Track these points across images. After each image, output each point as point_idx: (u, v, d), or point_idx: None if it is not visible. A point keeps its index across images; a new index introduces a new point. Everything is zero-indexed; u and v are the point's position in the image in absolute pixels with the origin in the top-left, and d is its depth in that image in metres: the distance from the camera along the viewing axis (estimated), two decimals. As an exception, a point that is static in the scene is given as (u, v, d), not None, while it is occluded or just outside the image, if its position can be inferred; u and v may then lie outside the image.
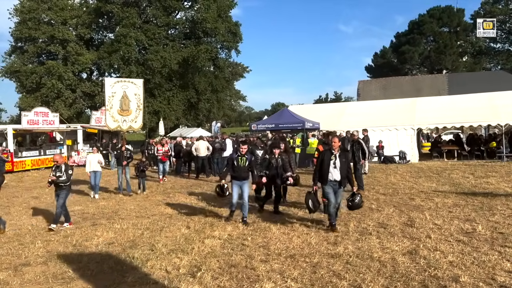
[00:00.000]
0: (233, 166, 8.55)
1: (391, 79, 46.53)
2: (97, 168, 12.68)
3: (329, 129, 22.30)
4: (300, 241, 6.86)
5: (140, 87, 14.69)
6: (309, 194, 7.88)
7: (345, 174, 7.49)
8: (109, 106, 14.16)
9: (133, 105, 14.43)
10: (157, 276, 5.47)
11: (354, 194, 7.79)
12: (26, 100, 38.13)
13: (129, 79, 15.42)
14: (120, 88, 14.20)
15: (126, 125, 14.42)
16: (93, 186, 12.76)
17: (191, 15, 42.42)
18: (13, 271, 5.91)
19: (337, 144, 7.59)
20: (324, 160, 7.54)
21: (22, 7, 39.29)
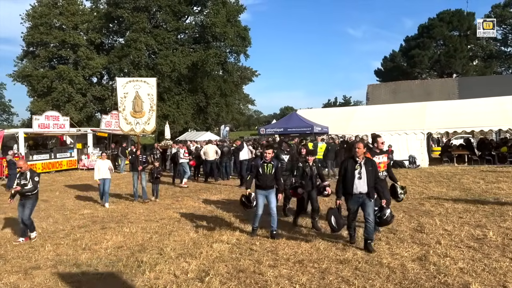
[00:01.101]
0: (258, 174, 7.70)
1: (401, 83, 46.31)
2: (107, 175, 12.00)
3: (338, 134, 22.31)
4: (308, 246, 6.84)
5: (154, 87, 13.57)
6: (332, 210, 6.96)
7: (372, 184, 6.60)
8: (121, 107, 13.21)
9: (146, 106, 13.38)
10: (166, 280, 5.48)
11: (382, 208, 6.80)
12: (37, 104, 38.63)
13: (142, 78, 14.24)
14: (133, 88, 13.24)
15: (140, 127, 13.40)
16: (102, 193, 12.07)
17: (200, 20, 42.73)
18: (23, 274, 5.97)
19: (361, 151, 6.60)
20: (348, 170, 6.65)
21: (34, 12, 39.87)
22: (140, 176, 12.54)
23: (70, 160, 24.05)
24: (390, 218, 6.82)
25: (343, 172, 6.75)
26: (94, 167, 12.31)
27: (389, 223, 7.01)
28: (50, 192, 15.64)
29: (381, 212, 6.76)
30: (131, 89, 13.24)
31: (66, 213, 11.07)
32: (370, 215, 6.51)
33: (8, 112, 77.87)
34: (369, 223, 6.46)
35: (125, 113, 13.22)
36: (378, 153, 7.37)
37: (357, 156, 6.59)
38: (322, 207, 9.13)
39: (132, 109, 13.20)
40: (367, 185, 6.53)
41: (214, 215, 10.00)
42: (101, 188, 12.05)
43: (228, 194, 13.53)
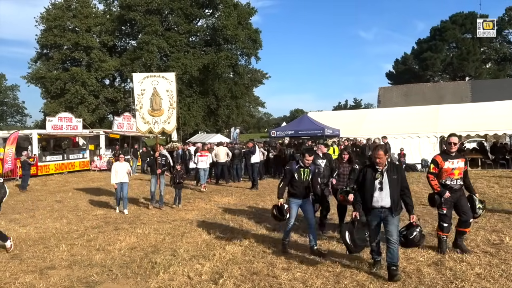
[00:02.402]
0: (292, 181, 6.76)
1: (413, 86, 45.98)
2: (125, 179, 11.21)
3: (349, 137, 22.20)
4: (323, 249, 6.79)
5: (173, 82, 12.58)
6: (346, 225, 5.88)
7: (397, 197, 5.44)
8: (138, 105, 12.23)
9: (165, 103, 12.36)
10: (180, 282, 5.49)
11: (411, 226, 5.63)
12: (50, 106, 39.12)
13: (160, 73, 13.16)
14: (150, 85, 12.24)
15: (158, 127, 12.39)
16: (120, 199, 11.30)
17: (211, 23, 42.95)
18: (38, 274, 6.02)
19: (383, 159, 5.46)
20: (366, 178, 5.55)
21: (48, 15, 40.42)
22: (159, 180, 11.73)
23: (82, 161, 24.28)
24: (419, 238, 5.58)
25: (361, 181, 5.68)
26: (111, 170, 11.48)
27: (418, 244, 5.77)
28: (63, 192, 15.79)
29: (408, 230, 5.60)
30: (148, 85, 12.26)
31: (79, 213, 11.16)
32: (393, 234, 5.39)
33: (22, 113, 79.12)
34: (391, 244, 5.36)
35: (142, 112, 12.26)
36: (453, 156, 6.23)
37: (378, 165, 5.49)
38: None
39: (150, 107, 12.24)
40: (390, 197, 5.40)
41: (225, 217, 10.00)
42: (118, 193, 11.20)
43: (240, 196, 13.53)
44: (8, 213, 11.61)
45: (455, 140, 6.19)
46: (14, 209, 12.37)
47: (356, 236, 5.59)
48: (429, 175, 6.34)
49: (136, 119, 12.65)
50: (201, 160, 15.37)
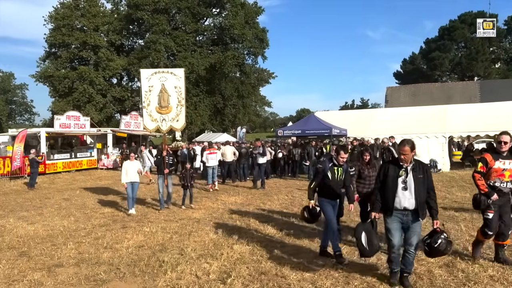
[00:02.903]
0: (325, 180, 6.24)
1: (421, 86, 45.74)
2: (136, 179, 10.74)
3: (356, 136, 22.06)
4: (331, 250, 6.71)
5: (181, 78, 12.12)
6: (363, 225, 5.41)
7: (423, 199, 4.87)
8: (146, 103, 11.79)
9: (173, 100, 11.92)
10: (187, 281, 5.45)
11: (434, 233, 5.01)
12: (58, 104, 39.38)
13: (168, 69, 12.75)
14: (158, 81, 11.82)
15: (166, 125, 11.98)
16: (130, 199, 10.73)
17: (219, 22, 43.00)
18: (46, 271, 6.02)
19: (408, 156, 4.88)
20: (388, 176, 4.99)
21: (57, 14, 40.70)
22: (166, 180, 11.23)
23: (90, 160, 24.37)
24: (445, 246, 4.94)
25: (382, 178, 5.11)
26: (122, 169, 11.03)
27: (444, 253, 5.12)
28: (71, 191, 15.85)
29: (432, 238, 4.98)
30: (156, 81, 11.84)
31: (87, 211, 11.18)
32: (413, 243, 4.88)
33: (30, 112, 79.59)
34: (409, 254, 4.93)
35: (149, 109, 11.84)
36: (504, 156, 5.61)
37: (403, 161, 4.93)
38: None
39: (158, 104, 11.80)
40: (415, 199, 4.82)
41: (232, 216, 9.96)
42: (129, 193, 10.67)
43: (246, 196, 13.48)
44: (16, 210, 11.68)
45: (505, 139, 5.50)
46: (22, 206, 12.43)
47: (372, 238, 5.16)
48: (476, 174, 5.73)
49: (143, 117, 12.27)
50: (210, 158, 15.28)
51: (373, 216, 5.23)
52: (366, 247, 5.12)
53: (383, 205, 5.09)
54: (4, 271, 6.09)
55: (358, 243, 5.22)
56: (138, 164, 10.99)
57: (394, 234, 4.95)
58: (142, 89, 11.98)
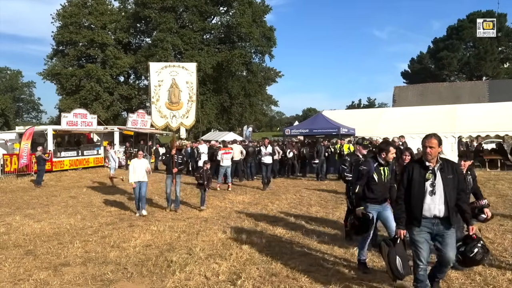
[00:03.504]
0: (371, 183, 5.44)
1: (429, 85, 45.40)
2: (144, 178, 10.28)
3: (365, 136, 21.84)
4: (342, 251, 6.57)
5: (193, 73, 11.51)
6: (395, 249, 4.52)
7: (454, 203, 4.25)
8: (155, 98, 11.09)
9: (184, 96, 11.27)
10: (197, 282, 5.32)
11: (470, 240, 4.42)
12: (65, 102, 39.49)
13: (179, 63, 12.08)
14: (169, 75, 11.16)
15: (176, 121, 11.30)
16: (138, 200, 10.24)
17: (226, 20, 42.94)
18: (52, 271, 5.91)
19: (435, 150, 4.26)
20: (414, 179, 4.32)
21: (64, 12, 40.80)
22: (174, 180, 10.63)
23: (96, 158, 24.34)
24: (481, 256, 4.40)
25: (406, 183, 4.40)
26: (129, 168, 10.49)
27: (480, 262, 4.60)
28: (78, 188, 15.81)
29: (467, 246, 4.40)
30: (166, 76, 11.17)
31: (93, 209, 11.10)
32: (451, 259, 4.27)
33: (37, 109, 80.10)
34: (445, 270, 4.49)
35: (159, 105, 11.14)
36: None
37: (428, 160, 4.26)
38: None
39: (168, 99, 11.13)
40: (445, 204, 4.20)
41: (240, 216, 9.83)
42: (136, 193, 10.18)
43: (254, 195, 13.34)
44: (23, 208, 11.63)
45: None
46: (29, 204, 12.38)
47: (407, 261, 4.51)
48: None
49: (151, 113, 11.46)
50: (225, 158, 15.09)
51: (402, 234, 4.44)
52: (401, 272, 4.49)
53: (409, 215, 4.37)
54: (10, 270, 6.00)
55: (392, 267, 4.50)
56: (146, 163, 10.56)
57: (422, 247, 4.30)
58: (151, 83, 11.18)
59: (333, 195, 12.65)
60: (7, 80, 73.81)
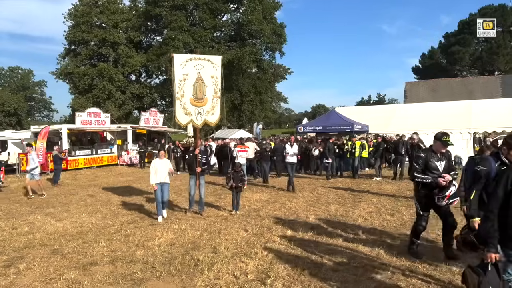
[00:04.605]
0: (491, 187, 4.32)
1: (440, 81, 44.96)
2: (166, 179, 9.62)
3: (378, 132, 21.72)
4: (367, 250, 6.55)
5: (218, 67, 10.69)
6: (481, 275, 3.66)
7: None
8: (179, 93, 10.19)
9: (209, 91, 10.53)
10: (226, 281, 5.35)
11: None
12: (78, 101, 39.82)
13: (205, 56, 11.11)
14: (194, 69, 10.28)
15: (201, 118, 10.53)
16: (160, 203, 9.45)
17: (236, 17, 42.88)
18: (82, 270, 5.97)
19: None
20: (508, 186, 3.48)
21: (76, 11, 41.08)
22: (198, 181, 10.08)
23: (110, 156, 24.53)
24: None
25: (501, 192, 3.53)
26: (150, 169, 9.69)
27: None
28: (94, 187, 15.94)
29: None
30: (191, 69, 10.28)
31: (113, 208, 11.19)
32: None
33: (49, 108, 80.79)
34: None
35: (183, 101, 10.25)
36: None
37: None
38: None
39: (193, 95, 10.33)
40: None
41: (260, 214, 9.84)
42: (158, 196, 9.41)
43: (270, 193, 13.35)
44: (43, 207, 11.77)
45: None
46: (48, 203, 12.52)
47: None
48: None
49: (175, 110, 10.43)
50: (240, 155, 15.06)
51: (494, 258, 3.55)
52: None
53: (503, 234, 3.50)
54: (40, 269, 6.08)
55: None
56: (168, 163, 9.91)
57: None
58: (175, 77, 10.23)
59: (350, 193, 12.61)
60: (19, 79, 74.59)
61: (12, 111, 52.77)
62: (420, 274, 5.35)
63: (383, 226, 8.13)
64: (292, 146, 14.18)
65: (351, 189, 13.41)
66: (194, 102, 10.38)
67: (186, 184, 13.77)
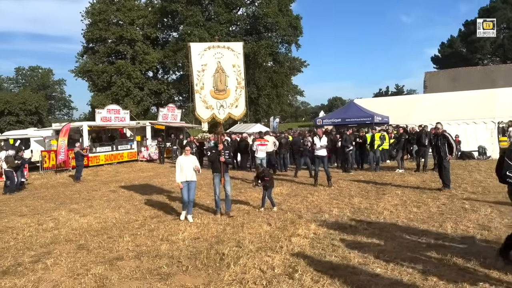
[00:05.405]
0: None
1: (461, 70, 44.07)
2: (193, 177, 8.95)
3: (399, 124, 21.34)
4: (395, 243, 6.39)
5: (240, 55, 9.80)
6: None
7: None
8: (199, 86, 9.45)
9: (232, 82, 9.66)
10: (253, 275, 5.27)
11: None
12: (97, 98, 40.31)
13: (224, 43, 10.11)
14: (213, 58, 9.49)
15: (224, 112, 9.66)
16: (186, 202, 8.87)
17: (252, 11, 42.65)
18: (108, 265, 5.99)
19: None
20: None
21: (93, 9, 41.47)
22: (223, 178, 9.32)
23: (130, 152, 24.78)
24: None
25: None
26: (176, 166, 9.07)
27: None
28: (116, 182, 16.09)
29: None
30: (210, 58, 9.50)
31: (135, 203, 11.26)
32: None
33: (68, 106, 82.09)
34: None
35: (203, 93, 9.48)
36: None
37: None
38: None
39: (214, 87, 9.52)
40: None
41: (282, 207, 9.74)
42: (184, 195, 8.80)
43: (291, 186, 13.22)
44: (66, 203, 11.92)
45: None
46: (72, 199, 12.69)
47: None
48: None
49: (195, 104, 9.64)
50: (260, 149, 14.94)
51: None
52: None
53: None
54: (67, 265, 6.12)
55: None
56: (194, 160, 9.12)
57: None
58: (193, 68, 9.48)
59: (373, 186, 12.39)
60: (39, 78, 75.94)
61: (33, 109, 53.74)
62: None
63: (410, 219, 7.95)
64: (321, 138, 13.50)
65: (374, 182, 13.18)
66: (215, 94, 9.56)
67: (204, 178, 13.81)
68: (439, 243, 6.30)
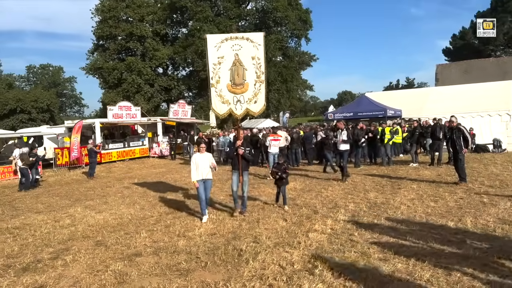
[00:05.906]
0: None
1: (473, 62, 43.38)
2: (209, 175, 8.56)
3: (412, 117, 21.10)
4: (415, 237, 6.32)
5: (260, 46, 9.16)
6: None
7: None
8: (215, 79, 9.11)
9: (250, 75, 9.14)
10: (273, 271, 5.25)
11: None
12: (109, 95, 40.48)
13: (243, 34, 9.41)
14: (230, 50, 9.05)
15: (241, 108, 9.26)
16: (203, 202, 8.47)
17: (261, 5, 42.39)
18: (127, 261, 6.01)
19: None
20: None
21: (103, 6, 41.57)
22: (241, 176, 8.91)
23: (142, 148, 24.88)
24: None
25: None
26: (191, 164, 8.68)
27: None
28: (129, 179, 16.18)
29: None
30: (228, 51, 9.07)
31: (150, 199, 11.30)
32: None
33: (79, 104, 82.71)
34: None
35: (219, 87, 9.13)
36: None
37: None
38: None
39: (231, 81, 9.13)
40: None
41: (297, 203, 9.70)
42: (201, 194, 8.40)
43: (304, 181, 13.15)
44: (81, 199, 12.01)
45: None
46: (86, 195, 12.78)
47: None
48: None
49: (211, 98, 9.30)
50: (274, 144, 14.92)
51: None
52: None
53: None
54: (86, 261, 6.15)
55: None
56: (210, 157, 8.76)
57: None
58: (209, 61, 9.15)
59: (388, 180, 12.28)
60: (50, 76, 76.51)
61: (45, 107, 54.20)
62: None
63: (428, 213, 7.85)
64: (342, 132, 13.08)
65: (388, 176, 13.07)
66: (232, 88, 9.13)
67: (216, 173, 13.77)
68: (460, 237, 6.21)
